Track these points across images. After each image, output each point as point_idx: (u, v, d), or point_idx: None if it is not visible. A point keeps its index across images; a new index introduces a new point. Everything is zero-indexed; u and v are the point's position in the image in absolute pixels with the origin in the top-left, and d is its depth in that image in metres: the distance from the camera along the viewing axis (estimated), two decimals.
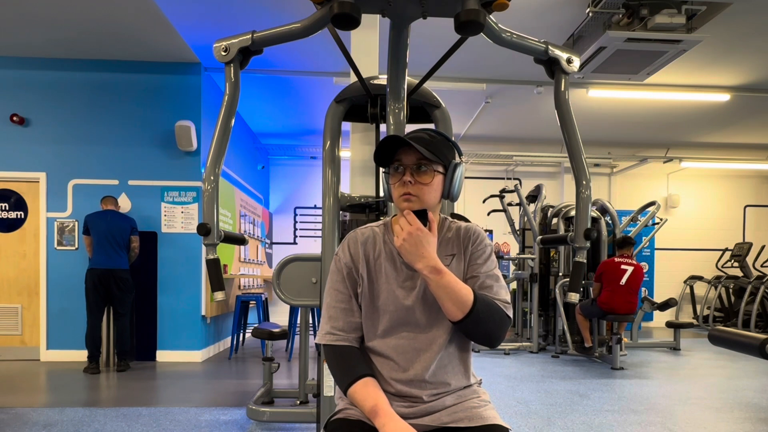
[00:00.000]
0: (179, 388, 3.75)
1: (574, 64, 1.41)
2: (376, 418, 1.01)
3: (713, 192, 8.46)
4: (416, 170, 1.07)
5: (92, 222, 4.26)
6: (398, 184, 1.08)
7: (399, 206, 1.09)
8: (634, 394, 3.60)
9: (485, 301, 1.05)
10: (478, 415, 1.08)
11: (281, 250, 7.86)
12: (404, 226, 1.02)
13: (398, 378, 1.09)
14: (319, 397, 1.88)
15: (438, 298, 1.02)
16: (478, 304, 1.02)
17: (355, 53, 2.36)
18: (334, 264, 1.16)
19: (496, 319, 1.05)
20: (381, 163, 1.12)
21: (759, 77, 5.07)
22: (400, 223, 1.03)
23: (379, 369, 1.11)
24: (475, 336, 1.06)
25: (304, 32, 1.25)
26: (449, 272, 1.02)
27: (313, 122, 6.74)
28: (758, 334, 2.30)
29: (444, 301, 1.02)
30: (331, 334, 1.11)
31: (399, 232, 1.02)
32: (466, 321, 1.02)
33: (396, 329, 1.10)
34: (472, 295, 1.02)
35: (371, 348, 1.13)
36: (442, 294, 1.01)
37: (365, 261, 1.13)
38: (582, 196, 1.44)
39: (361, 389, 1.04)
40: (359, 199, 1.98)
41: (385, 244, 1.15)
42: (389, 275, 1.12)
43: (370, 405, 1.02)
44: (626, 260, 4.79)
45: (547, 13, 3.88)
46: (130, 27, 4.09)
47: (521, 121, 6.65)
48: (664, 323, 6.79)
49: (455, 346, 1.13)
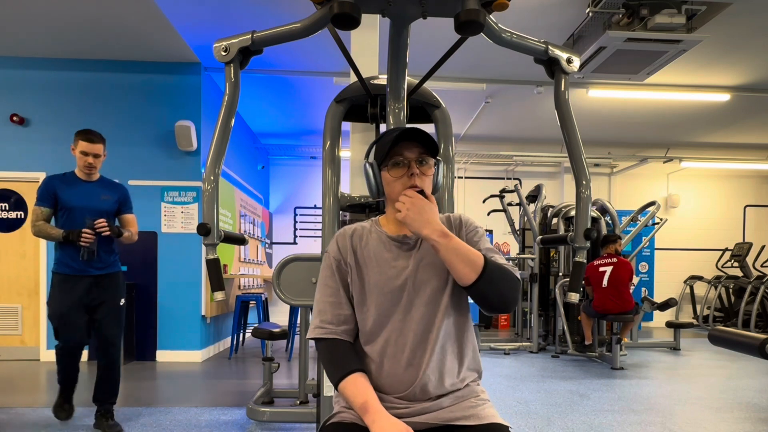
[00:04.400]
0: (179, 388, 3.75)
1: (574, 64, 1.41)
2: (365, 414, 1.01)
3: (713, 192, 8.46)
4: (418, 164, 1.10)
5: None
6: (404, 178, 1.09)
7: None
8: (634, 394, 3.60)
9: (494, 261, 1.05)
10: (477, 413, 1.07)
11: (281, 250, 7.86)
12: (406, 199, 1.04)
13: (394, 374, 1.08)
14: (319, 397, 1.88)
15: (450, 263, 1.01)
16: (489, 263, 1.03)
17: (355, 53, 2.36)
18: (324, 261, 1.18)
19: (508, 279, 1.03)
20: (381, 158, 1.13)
21: (759, 77, 5.07)
22: (401, 198, 1.05)
23: (375, 366, 1.10)
24: (491, 299, 1.03)
25: (304, 32, 1.25)
26: (455, 236, 1.04)
27: (313, 122, 6.74)
28: (758, 334, 2.30)
29: (456, 264, 1.01)
30: (319, 327, 1.12)
31: (401, 205, 1.04)
32: (480, 282, 1.00)
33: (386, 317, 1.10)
34: (482, 256, 1.03)
35: (364, 343, 1.13)
36: (452, 256, 1.01)
37: (353, 251, 1.14)
38: (582, 196, 1.44)
39: (351, 385, 1.05)
40: (359, 199, 1.98)
41: (372, 233, 1.16)
42: (379, 259, 1.12)
43: (360, 402, 1.03)
44: (604, 260, 4.83)
45: (547, 13, 3.88)
46: (130, 27, 4.09)
47: (521, 121, 6.65)
48: (664, 323, 6.78)
49: (452, 341, 1.12)
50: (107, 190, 2.71)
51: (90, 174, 2.66)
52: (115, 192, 2.73)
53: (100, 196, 2.66)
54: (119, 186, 2.78)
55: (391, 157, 1.10)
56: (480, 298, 1.03)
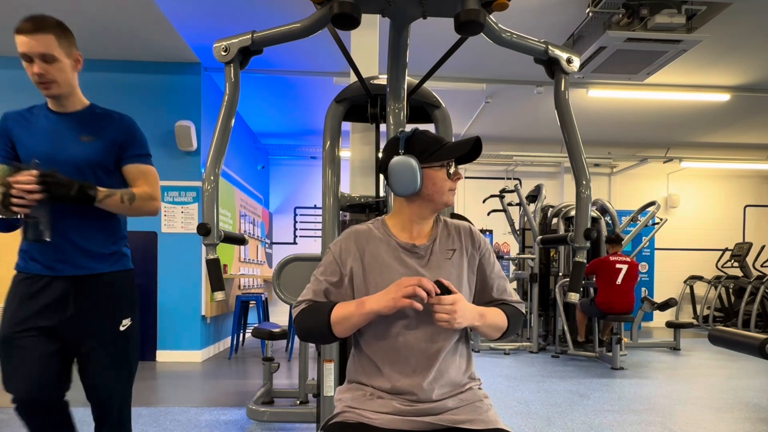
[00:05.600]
0: (179, 388, 3.75)
1: (574, 64, 1.41)
2: (363, 307, 1.03)
3: (713, 192, 8.46)
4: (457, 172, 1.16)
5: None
6: (449, 181, 1.13)
7: (443, 198, 1.13)
8: (634, 394, 3.60)
9: (512, 313, 1.16)
10: (482, 417, 1.07)
11: (281, 250, 7.86)
12: (448, 308, 1.01)
13: (400, 375, 1.08)
14: (319, 397, 1.88)
15: (483, 333, 1.13)
16: (510, 320, 1.15)
17: (355, 53, 2.37)
18: (325, 257, 1.18)
19: (518, 322, 1.19)
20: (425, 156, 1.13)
21: (759, 77, 5.07)
22: (446, 310, 1.01)
23: (379, 369, 1.10)
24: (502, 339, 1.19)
25: (304, 32, 1.25)
26: (484, 308, 1.11)
27: (313, 122, 6.74)
28: (758, 334, 2.30)
29: (488, 333, 1.13)
30: (299, 304, 1.14)
31: (447, 316, 1.01)
32: (501, 337, 1.16)
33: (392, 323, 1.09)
34: (505, 317, 1.14)
35: (368, 346, 1.12)
36: (487, 330, 1.12)
37: (359, 254, 1.13)
38: (582, 196, 1.44)
39: (339, 307, 1.07)
40: (359, 199, 1.98)
41: (382, 238, 1.15)
42: (387, 265, 1.12)
43: (353, 306, 1.05)
44: (620, 258, 4.81)
45: (547, 13, 3.88)
46: (130, 27, 4.09)
47: (521, 121, 6.65)
48: (664, 323, 6.78)
49: (457, 346, 1.13)
50: (92, 126, 1.55)
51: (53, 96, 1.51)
52: (107, 127, 1.56)
53: (77, 135, 1.51)
54: (118, 118, 1.62)
55: (445, 159, 1.12)
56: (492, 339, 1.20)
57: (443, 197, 1.12)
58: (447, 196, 1.13)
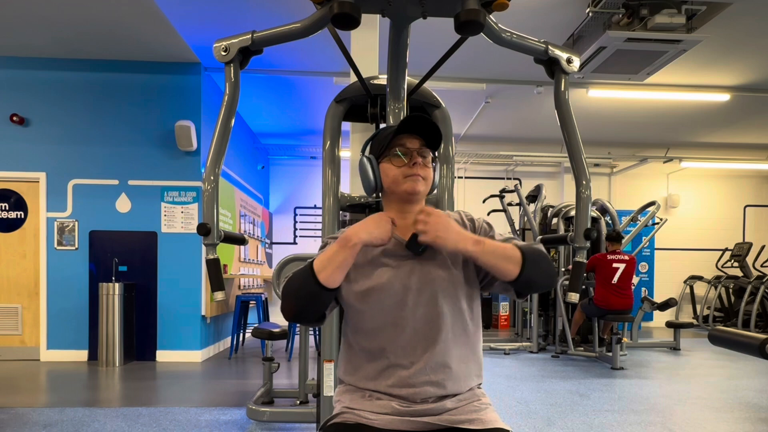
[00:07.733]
0: (179, 388, 3.75)
1: (574, 64, 1.40)
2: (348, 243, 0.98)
3: (713, 192, 8.46)
4: (420, 155, 1.08)
5: None
6: (404, 167, 1.07)
7: (400, 187, 1.07)
8: (634, 394, 3.60)
9: (526, 246, 1.03)
10: (481, 417, 1.07)
11: (281, 250, 7.86)
12: (425, 217, 0.98)
13: (397, 377, 1.07)
14: (319, 397, 1.88)
15: (490, 266, 1.00)
16: (524, 249, 1.01)
17: (355, 53, 2.37)
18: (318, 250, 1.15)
19: (543, 257, 1.04)
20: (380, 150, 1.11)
21: (759, 77, 5.07)
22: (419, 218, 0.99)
23: (377, 367, 1.08)
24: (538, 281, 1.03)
25: (304, 32, 1.25)
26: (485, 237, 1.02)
27: (313, 122, 6.74)
28: (758, 334, 2.30)
29: (497, 265, 1.00)
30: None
31: (423, 225, 0.98)
32: (524, 271, 1.00)
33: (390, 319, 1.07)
34: (517, 249, 1.01)
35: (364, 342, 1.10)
36: (491, 259, 0.99)
37: None
38: (582, 196, 1.44)
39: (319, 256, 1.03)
40: (359, 199, 1.98)
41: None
42: (383, 260, 1.09)
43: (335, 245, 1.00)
44: (618, 256, 4.82)
45: (547, 13, 3.88)
46: (130, 27, 4.09)
47: (521, 121, 6.65)
48: (664, 323, 6.78)
49: (456, 345, 1.10)
50: None
51: None
52: None
53: None
54: None
55: (391, 148, 1.08)
56: (527, 286, 1.04)
57: (400, 187, 1.07)
58: (404, 185, 1.07)
